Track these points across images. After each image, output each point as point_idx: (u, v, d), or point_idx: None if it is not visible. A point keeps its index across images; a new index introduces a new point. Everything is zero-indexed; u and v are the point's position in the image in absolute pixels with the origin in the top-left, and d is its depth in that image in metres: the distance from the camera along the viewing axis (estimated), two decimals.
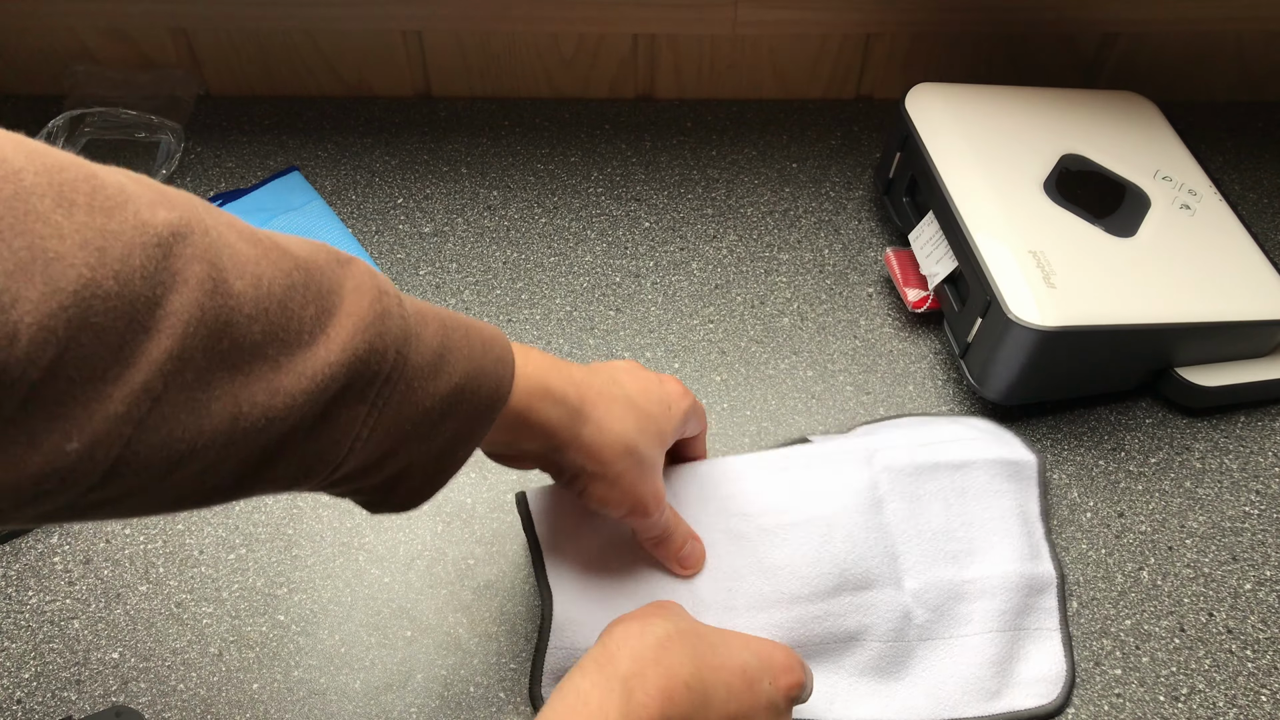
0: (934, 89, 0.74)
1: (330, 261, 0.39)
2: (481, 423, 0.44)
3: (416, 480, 0.44)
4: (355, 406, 0.38)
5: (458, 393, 0.42)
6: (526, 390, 0.46)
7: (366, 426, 0.39)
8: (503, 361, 0.45)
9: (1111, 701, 0.55)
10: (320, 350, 0.37)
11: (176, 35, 0.83)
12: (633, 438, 0.50)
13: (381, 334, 0.38)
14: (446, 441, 0.43)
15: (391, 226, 0.78)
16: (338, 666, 0.56)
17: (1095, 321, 0.61)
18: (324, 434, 0.38)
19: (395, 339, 0.39)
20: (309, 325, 0.37)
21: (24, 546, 0.61)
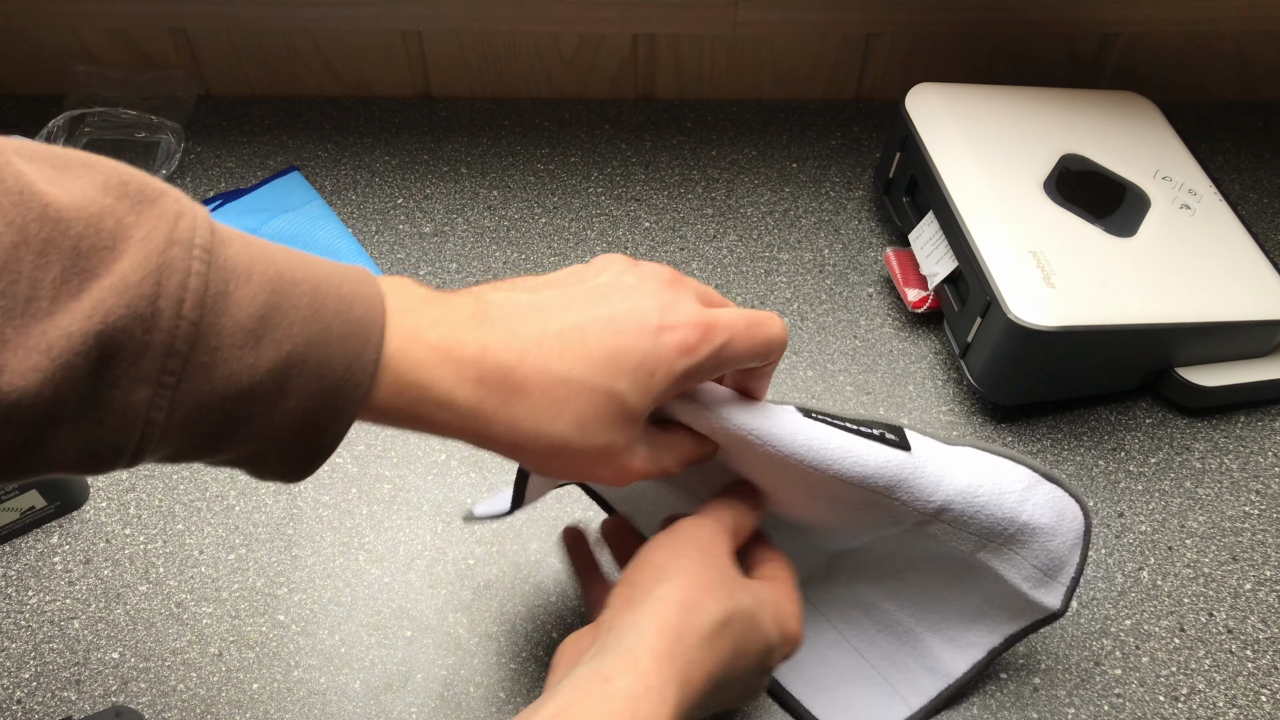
0: (934, 89, 0.74)
1: (117, 207, 0.32)
2: (336, 409, 0.35)
3: (282, 465, 0.37)
4: (132, 385, 0.32)
5: (288, 367, 0.34)
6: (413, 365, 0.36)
7: (159, 409, 0.32)
8: (363, 326, 0.35)
9: (1111, 701, 0.55)
10: (60, 319, 0.30)
11: (176, 35, 0.83)
12: (568, 437, 0.39)
13: (158, 299, 0.31)
14: (295, 424, 0.35)
15: (391, 226, 0.78)
16: (338, 666, 0.56)
17: (1095, 321, 0.61)
18: (98, 417, 0.32)
19: (187, 302, 0.32)
20: (47, 290, 0.30)
21: (24, 546, 0.61)
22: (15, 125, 0.82)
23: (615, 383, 0.38)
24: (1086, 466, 0.65)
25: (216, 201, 0.79)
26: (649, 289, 0.40)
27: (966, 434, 0.66)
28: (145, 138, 0.82)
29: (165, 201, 0.33)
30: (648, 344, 0.39)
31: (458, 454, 0.65)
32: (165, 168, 0.80)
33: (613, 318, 0.39)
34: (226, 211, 0.77)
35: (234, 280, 0.33)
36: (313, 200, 0.78)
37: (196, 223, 0.33)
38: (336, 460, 0.65)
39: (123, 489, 0.63)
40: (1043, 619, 0.52)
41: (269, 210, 0.77)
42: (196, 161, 0.82)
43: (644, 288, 0.40)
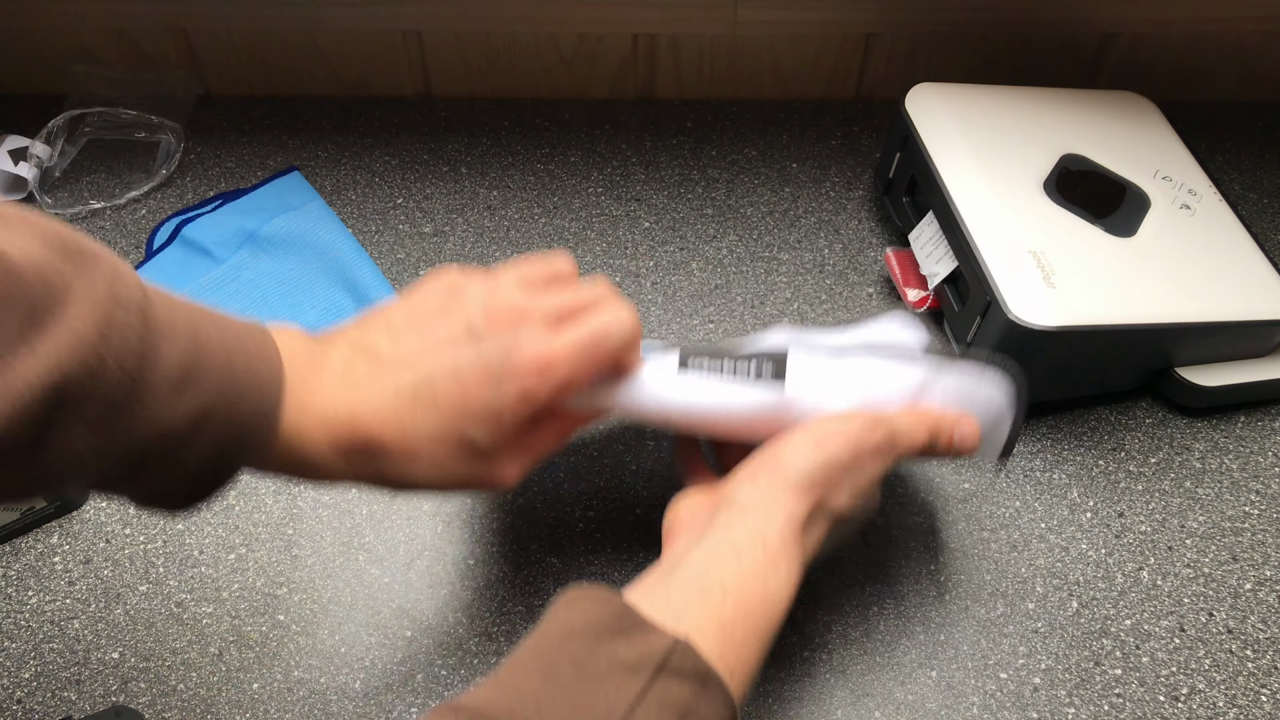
0: (934, 89, 0.74)
1: (58, 263, 0.35)
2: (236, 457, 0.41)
3: (175, 500, 0.41)
4: (74, 429, 0.35)
5: (203, 417, 0.38)
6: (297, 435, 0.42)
7: (92, 450, 0.36)
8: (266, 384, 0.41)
9: (1111, 701, 0.55)
10: (20, 368, 0.33)
11: (176, 35, 0.83)
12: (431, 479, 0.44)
13: (104, 354, 0.35)
14: (199, 467, 0.40)
15: (391, 226, 0.78)
16: (338, 666, 0.56)
17: (1095, 321, 0.61)
18: (39, 456, 0.35)
19: (127, 357, 0.36)
20: (6, 341, 0.33)
21: (24, 546, 0.61)
22: (15, 125, 0.82)
23: (465, 429, 0.43)
24: (1086, 466, 0.65)
25: (216, 201, 0.79)
26: (495, 334, 0.44)
27: None
28: (145, 138, 0.82)
29: (101, 260, 0.37)
30: (490, 394, 0.43)
31: None
32: (165, 168, 0.81)
33: (458, 370, 0.43)
34: (227, 211, 0.77)
35: (162, 338, 0.37)
36: (313, 200, 0.78)
37: (132, 283, 0.37)
38: None
39: None
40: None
41: (269, 210, 0.77)
42: (196, 161, 0.82)
43: (490, 333, 0.44)
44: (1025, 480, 0.64)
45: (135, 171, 0.81)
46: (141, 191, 0.80)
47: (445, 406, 0.43)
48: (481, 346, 0.44)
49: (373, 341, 0.45)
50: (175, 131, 0.82)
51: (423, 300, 0.46)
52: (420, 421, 0.43)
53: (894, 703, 0.55)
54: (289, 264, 0.74)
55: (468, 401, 0.43)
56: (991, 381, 0.52)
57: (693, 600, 0.42)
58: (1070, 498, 0.64)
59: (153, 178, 0.80)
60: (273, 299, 0.72)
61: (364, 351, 0.44)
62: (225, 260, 0.74)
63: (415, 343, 0.44)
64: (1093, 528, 0.62)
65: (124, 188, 0.80)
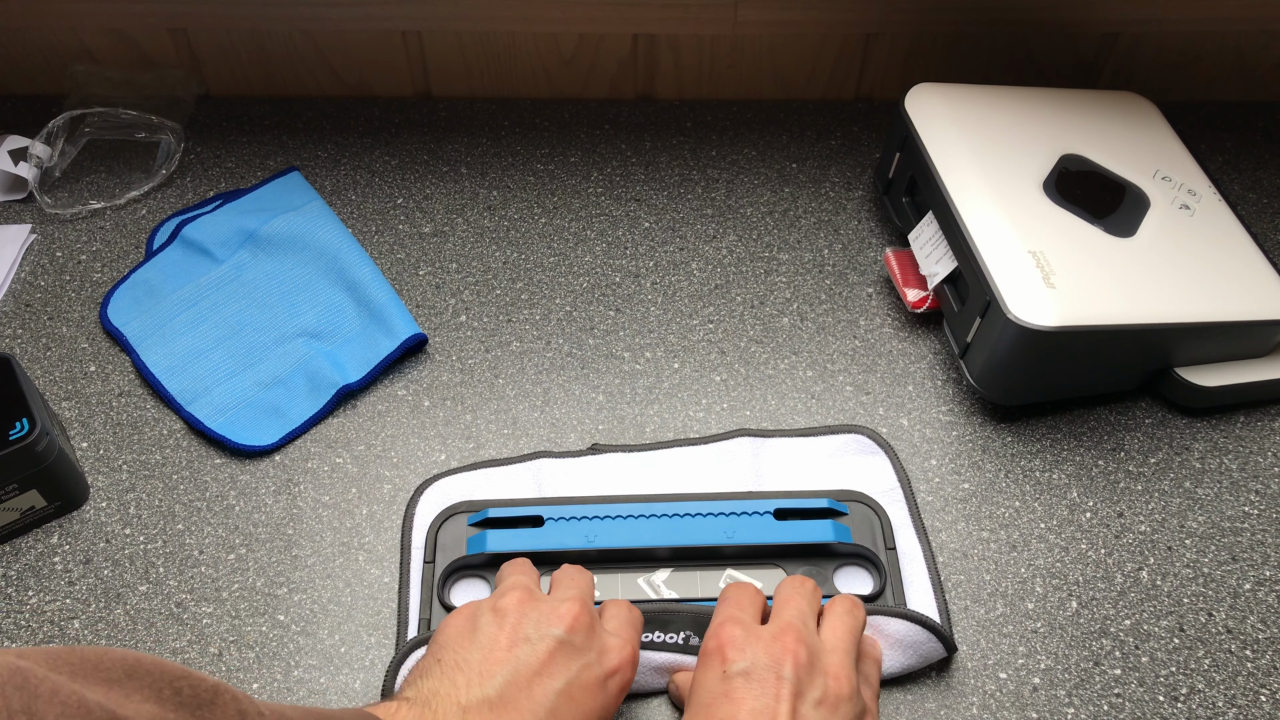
0: (934, 89, 0.74)
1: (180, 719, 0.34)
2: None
3: None
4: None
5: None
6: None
7: None
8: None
9: (1111, 701, 0.55)
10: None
11: (176, 35, 0.84)
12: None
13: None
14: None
15: (391, 226, 0.78)
16: (338, 666, 0.56)
17: (1095, 321, 0.61)
18: None
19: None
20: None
21: (24, 546, 0.61)
22: (15, 125, 0.82)
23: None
24: (1086, 466, 0.65)
25: (216, 201, 0.79)
26: (583, 641, 0.48)
27: (966, 434, 0.66)
28: (145, 138, 0.82)
29: (223, 700, 0.36)
30: (601, 699, 0.47)
31: (457, 454, 0.65)
32: (165, 168, 0.81)
33: (569, 689, 0.46)
34: (227, 211, 0.77)
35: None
36: (313, 200, 0.78)
37: (257, 715, 0.37)
38: (336, 460, 0.65)
39: (123, 489, 0.63)
40: None
41: (269, 210, 0.77)
42: (196, 161, 0.82)
43: (578, 639, 0.48)
44: (1025, 480, 0.64)
45: (135, 171, 0.81)
46: (141, 191, 0.80)
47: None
48: (582, 657, 0.47)
49: (478, 697, 0.45)
50: (175, 131, 0.82)
51: (489, 638, 0.47)
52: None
53: (894, 702, 0.55)
54: (289, 264, 0.74)
55: (584, 713, 0.46)
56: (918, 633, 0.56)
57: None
58: (1070, 498, 0.64)
59: (153, 178, 0.80)
60: (273, 299, 0.72)
61: (474, 711, 0.45)
62: (225, 260, 0.74)
63: (515, 680, 0.46)
64: (1092, 528, 0.62)
65: (124, 188, 0.80)
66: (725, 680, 0.47)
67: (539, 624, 0.48)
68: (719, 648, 0.48)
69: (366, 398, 0.68)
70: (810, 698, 0.46)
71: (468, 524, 0.60)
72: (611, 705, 0.47)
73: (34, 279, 0.75)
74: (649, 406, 0.68)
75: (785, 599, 0.51)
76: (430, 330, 0.71)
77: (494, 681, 0.45)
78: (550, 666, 0.46)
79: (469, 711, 0.44)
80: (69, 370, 0.69)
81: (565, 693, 0.45)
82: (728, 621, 0.49)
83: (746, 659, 0.47)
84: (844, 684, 0.47)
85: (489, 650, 0.47)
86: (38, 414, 0.58)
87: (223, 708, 0.35)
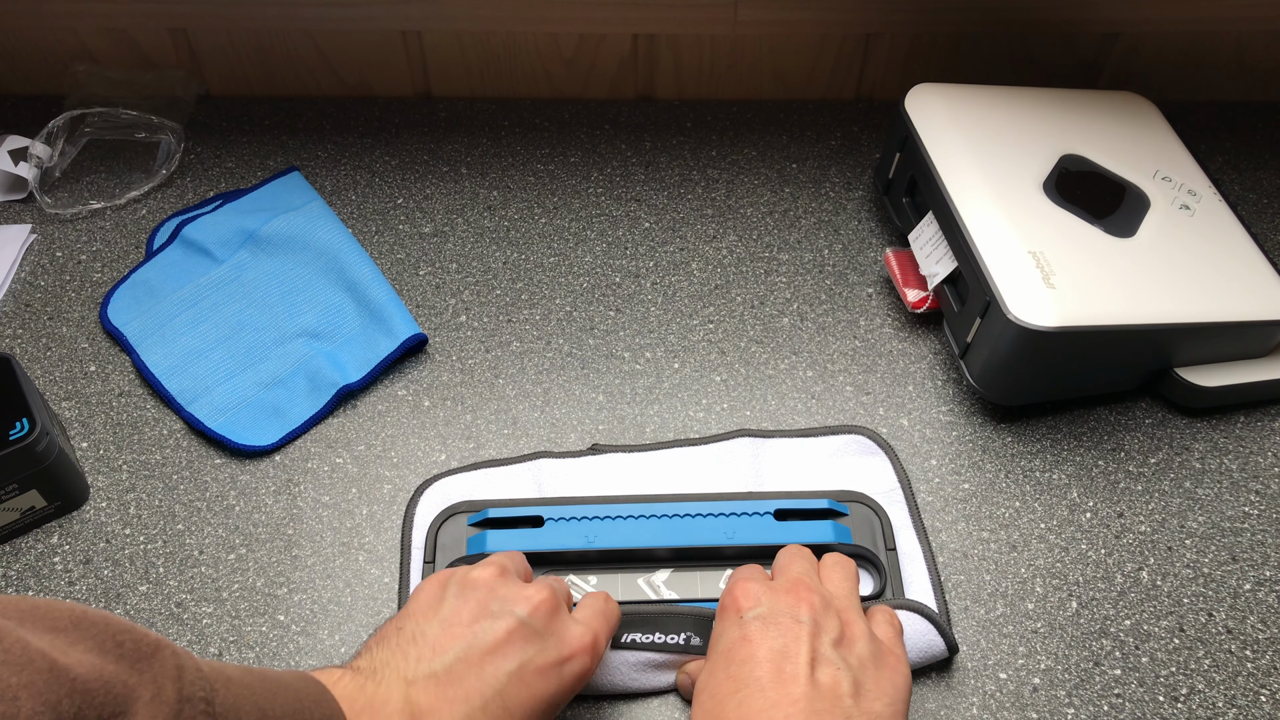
0: (934, 89, 0.74)
1: (120, 670, 0.35)
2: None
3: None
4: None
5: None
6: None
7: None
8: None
9: (1111, 701, 0.55)
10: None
11: (176, 35, 0.84)
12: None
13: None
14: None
15: (391, 226, 0.78)
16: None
17: (1095, 322, 0.61)
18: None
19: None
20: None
21: (24, 546, 0.61)
22: (15, 125, 0.82)
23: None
24: (1086, 466, 0.65)
25: (216, 201, 0.79)
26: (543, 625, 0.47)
27: (966, 434, 0.66)
28: (145, 138, 0.82)
29: (162, 655, 0.36)
30: (554, 684, 0.47)
31: (457, 454, 0.65)
32: (165, 168, 0.81)
33: (520, 673, 0.46)
34: (227, 211, 0.77)
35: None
36: (313, 200, 0.78)
37: (195, 675, 0.37)
38: (336, 460, 0.65)
39: (123, 489, 0.63)
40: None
41: (269, 210, 0.77)
42: (196, 161, 0.82)
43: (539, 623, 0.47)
44: (1025, 480, 0.64)
45: (135, 171, 0.81)
46: (141, 191, 0.80)
47: (517, 710, 0.45)
48: (541, 640, 0.47)
49: (426, 671, 0.45)
50: (175, 131, 0.82)
51: (452, 611, 0.48)
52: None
53: None
54: (289, 264, 0.74)
55: (536, 698, 0.46)
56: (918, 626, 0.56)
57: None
58: (1070, 498, 0.64)
59: (153, 178, 0.80)
60: (273, 299, 0.72)
61: (419, 685, 0.45)
62: (225, 260, 0.74)
63: (468, 657, 0.46)
64: (1092, 528, 0.62)
65: (124, 188, 0.80)
66: (742, 625, 0.48)
67: (504, 602, 0.48)
68: (734, 601, 0.49)
69: (366, 398, 0.68)
70: (827, 638, 0.47)
71: (468, 524, 0.60)
72: (565, 690, 0.47)
73: (34, 279, 0.75)
74: (649, 406, 0.68)
75: (787, 562, 0.53)
76: (430, 330, 0.71)
77: (445, 657, 0.45)
78: (506, 646, 0.46)
79: (413, 685, 0.45)
80: (69, 370, 0.69)
81: (517, 674, 0.45)
82: (741, 580, 0.51)
83: (763, 605, 0.48)
84: (855, 627, 0.49)
85: (449, 624, 0.47)
86: (38, 414, 0.58)
87: (161, 661, 0.36)
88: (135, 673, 0.35)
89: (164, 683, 0.36)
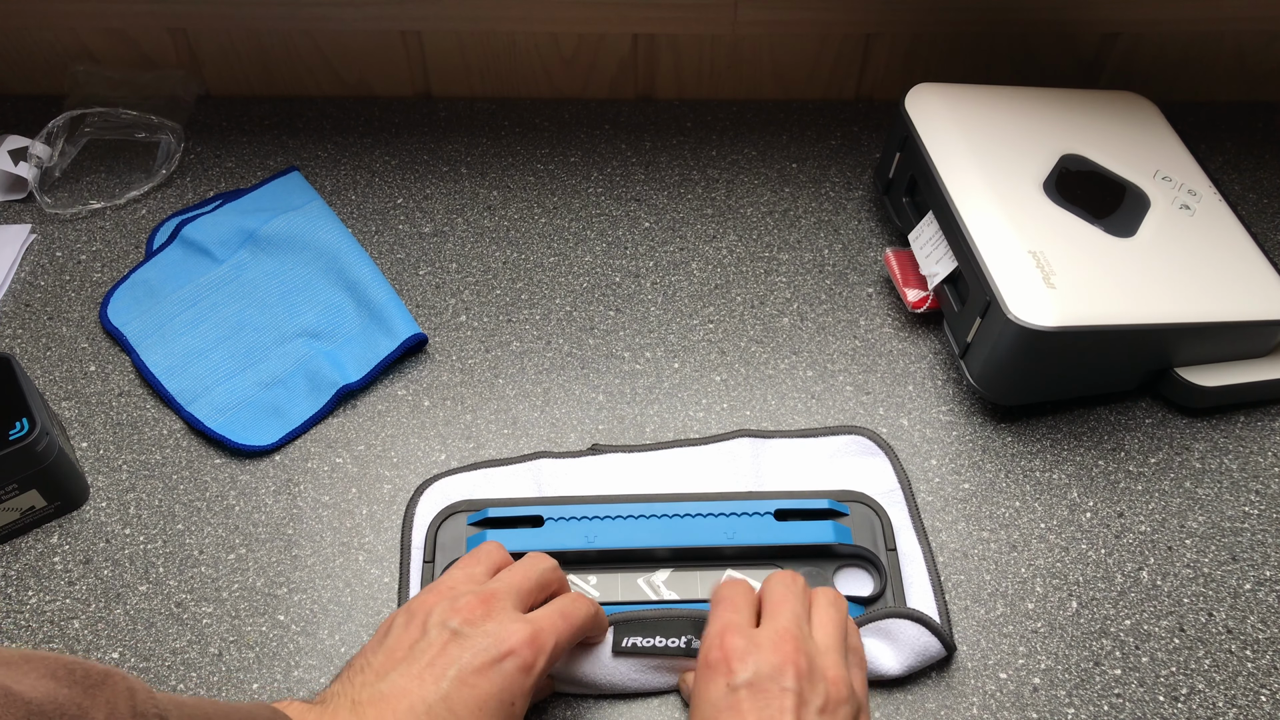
0: (934, 89, 0.74)
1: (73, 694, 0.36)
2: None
3: None
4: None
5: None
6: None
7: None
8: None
9: (1111, 701, 0.55)
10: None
11: (176, 35, 0.84)
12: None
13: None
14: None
15: (391, 226, 0.78)
16: (338, 666, 0.56)
17: (1095, 321, 0.61)
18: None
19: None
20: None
21: (24, 546, 0.61)
22: (15, 125, 0.82)
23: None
24: (1086, 466, 0.65)
25: (216, 201, 0.79)
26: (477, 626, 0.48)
27: (966, 434, 0.66)
28: (145, 138, 0.82)
29: (113, 681, 0.37)
30: (496, 679, 0.47)
31: (457, 454, 0.65)
32: (165, 168, 0.81)
33: (460, 674, 0.46)
34: (227, 211, 0.77)
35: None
36: (313, 200, 0.78)
37: (146, 700, 0.38)
38: (336, 460, 0.65)
39: (123, 489, 0.63)
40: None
41: (269, 210, 0.77)
42: (196, 161, 0.82)
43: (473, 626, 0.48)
44: (1025, 480, 0.64)
45: (135, 171, 0.81)
46: (141, 191, 0.80)
47: (463, 711, 0.46)
48: (472, 642, 0.47)
49: (371, 692, 0.47)
50: (175, 131, 0.82)
51: (395, 639, 0.49)
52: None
53: (894, 702, 0.55)
54: (289, 264, 0.74)
55: (480, 696, 0.46)
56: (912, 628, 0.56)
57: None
58: (1070, 498, 0.64)
59: (153, 178, 0.80)
60: (273, 299, 0.72)
61: (367, 704, 0.46)
62: (225, 260, 0.74)
63: (408, 672, 0.47)
64: (1092, 528, 0.62)
65: (124, 188, 0.80)
66: (731, 693, 0.47)
67: (440, 618, 0.49)
68: (723, 659, 0.48)
69: (366, 398, 0.68)
70: (813, 705, 0.47)
71: (467, 524, 0.60)
72: (512, 685, 0.47)
73: (34, 279, 0.75)
74: (649, 406, 0.68)
75: (778, 601, 0.51)
76: (430, 330, 0.71)
77: (388, 677, 0.47)
78: (441, 658, 0.47)
79: (360, 705, 0.46)
80: (69, 370, 0.69)
81: (457, 678, 0.46)
82: (728, 630, 0.50)
83: (750, 669, 0.47)
84: (841, 687, 0.48)
85: (391, 651, 0.48)
86: (38, 414, 0.58)
87: (113, 686, 0.37)
88: (88, 696, 0.36)
89: (117, 703, 0.37)
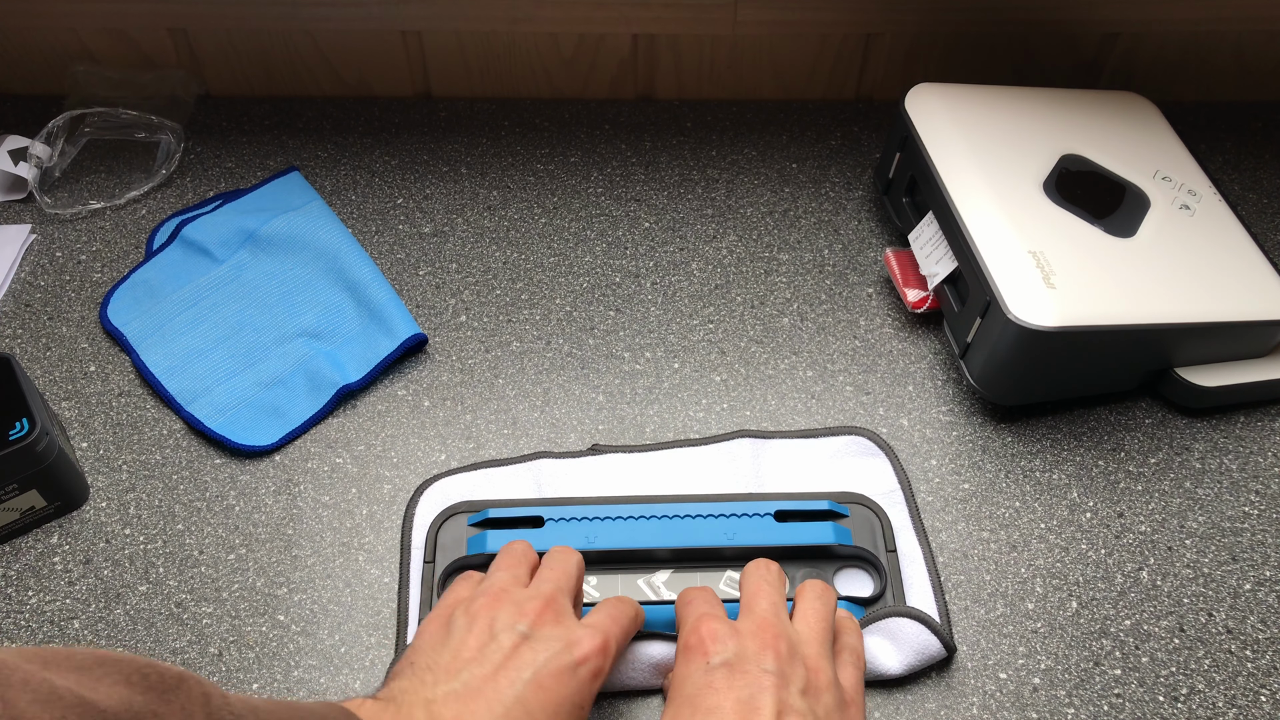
0: (934, 89, 0.74)
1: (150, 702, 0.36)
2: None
3: None
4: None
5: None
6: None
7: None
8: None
9: (1111, 701, 0.55)
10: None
11: (176, 35, 0.84)
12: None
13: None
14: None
15: (391, 226, 0.78)
16: (338, 666, 0.56)
17: (1095, 321, 0.61)
18: None
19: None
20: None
21: (24, 546, 0.61)
22: (15, 125, 0.82)
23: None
24: (1086, 466, 0.65)
25: (216, 201, 0.79)
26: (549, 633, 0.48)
27: (966, 434, 0.66)
28: (145, 138, 0.82)
29: (188, 685, 0.37)
30: (571, 686, 0.47)
31: (457, 454, 0.65)
32: (165, 168, 0.81)
33: (537, 678, 0.46)
34: (226, 211, 0.77)
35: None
36: (313, 200, 0.78)
37: (223, 702, 0.38)
38: (336, 460, 0.65)
39: (123, 489, 0.63)
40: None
41: (269, 210, 0.77)
42: (196, 161, 0.82)
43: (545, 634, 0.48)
44: (1025, 480, 0.64)
45: (135, 171, 0.81)
46: (141, 191, 0.80)
47: (540, 714, 0.46)
48: (545, 646, 0.47)
49: (444, 691, 0.46)
50: (175, 131, 0.82)
51: (460, 641, 0.48)
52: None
53: (894, 702, 0.55)
54: (289, 264, 0.74)
55: (556, 701, 0.46)
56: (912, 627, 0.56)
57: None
58: (1070, 498, 0.64)
59: (153, 178, 0.80)
60: (273, 299, 0.72)
61: (440, 702, 0.46)
62: (225, 260, 0.74)
63: (480, 674, 0.47)
64: (1092, 528, 0.62)
65: (124, 188, 0.80)
66: (708, 672, 0.47)
67: (508, 621, 0.49)
68: (700, 642, 0.49)
69: (366, 398, 0.68)
70: (794, 687, 0.47)
71: (468, 524, 0.60)
72: (585, 691, 0.48)
73: (34, 279, 0.75)
74: (649, 407, 0.68)
75: (755, 590, 0.52)
76: (430, 330, 0.71)
77: (461, 676, 0.46)
78: (515, 660, 0.47)
79: (434, 704, 0.45)
80: (69, 370, 0.69)
81: (533, 681, 0.46)
82: (705, 617, 0.50)
83: (729, 650, 0.48)
84: (822, 676, 0.48)
85: (458, 652, 0.48)
86: (38, 414, 0.58)
87: (188, 691, 0.37)
88: (163, 702, 0.36)
89: (192, 709, 0.36)
